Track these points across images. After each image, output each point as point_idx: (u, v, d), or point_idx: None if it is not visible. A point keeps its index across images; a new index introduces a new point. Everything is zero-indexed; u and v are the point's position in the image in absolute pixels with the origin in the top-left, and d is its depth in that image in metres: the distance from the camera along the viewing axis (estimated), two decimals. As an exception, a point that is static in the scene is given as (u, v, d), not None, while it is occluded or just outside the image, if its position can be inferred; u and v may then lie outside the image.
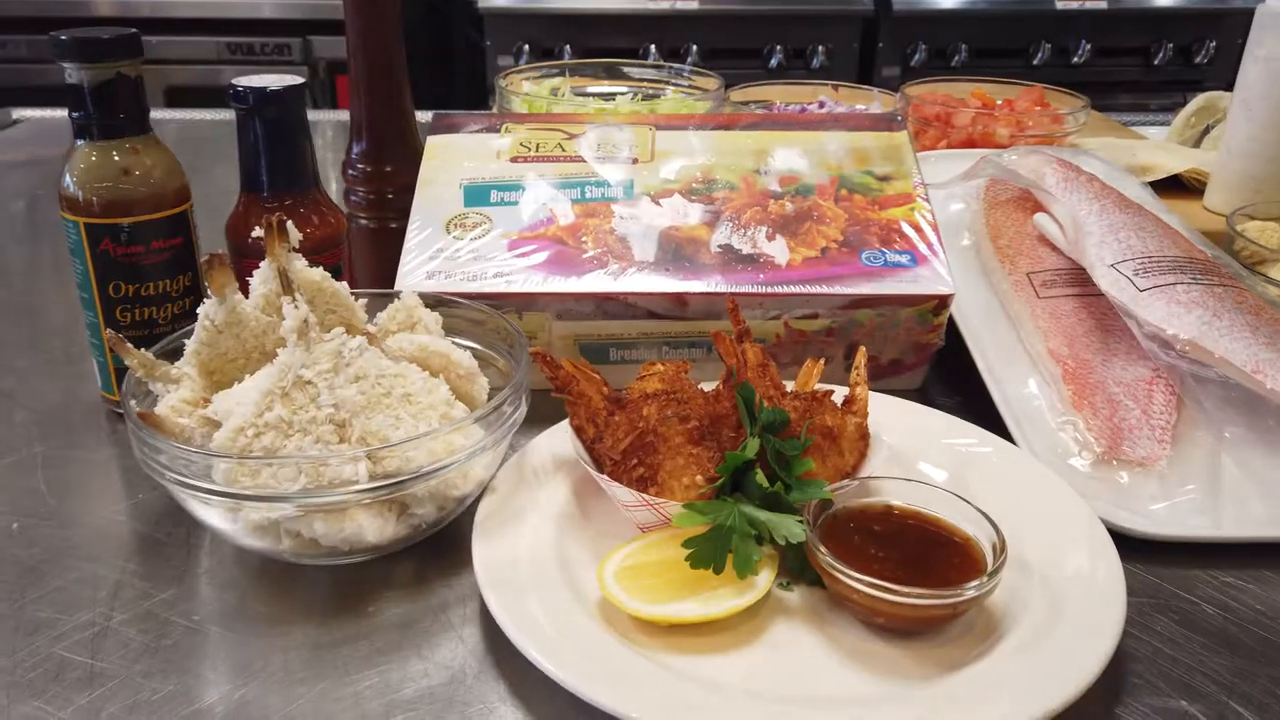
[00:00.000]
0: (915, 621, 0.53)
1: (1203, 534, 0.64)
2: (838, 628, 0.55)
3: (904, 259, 0.78)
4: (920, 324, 0.78)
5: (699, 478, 0.59)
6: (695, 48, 2.80)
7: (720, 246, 0.79)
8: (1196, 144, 1.30)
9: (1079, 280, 0.82)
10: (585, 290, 0.75)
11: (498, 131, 0.88)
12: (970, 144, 1.08)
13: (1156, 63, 2.90)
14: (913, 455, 0.69)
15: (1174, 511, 0.65)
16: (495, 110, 1.09)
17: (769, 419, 0.61)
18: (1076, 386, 0.74)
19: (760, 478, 0.57)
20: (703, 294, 0.75)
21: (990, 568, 0.53)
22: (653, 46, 2.79)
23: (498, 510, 0.61)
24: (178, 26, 2.72)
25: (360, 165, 0.97)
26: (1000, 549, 0.54)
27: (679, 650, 0.53)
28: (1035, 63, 2.82)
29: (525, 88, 1.13)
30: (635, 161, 0.85)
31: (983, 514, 0.56)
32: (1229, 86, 3.17)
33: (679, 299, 0.76)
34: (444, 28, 3.19)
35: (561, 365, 0.63)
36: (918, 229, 0.81)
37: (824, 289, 0.76)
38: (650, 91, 1.13)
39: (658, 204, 0.82)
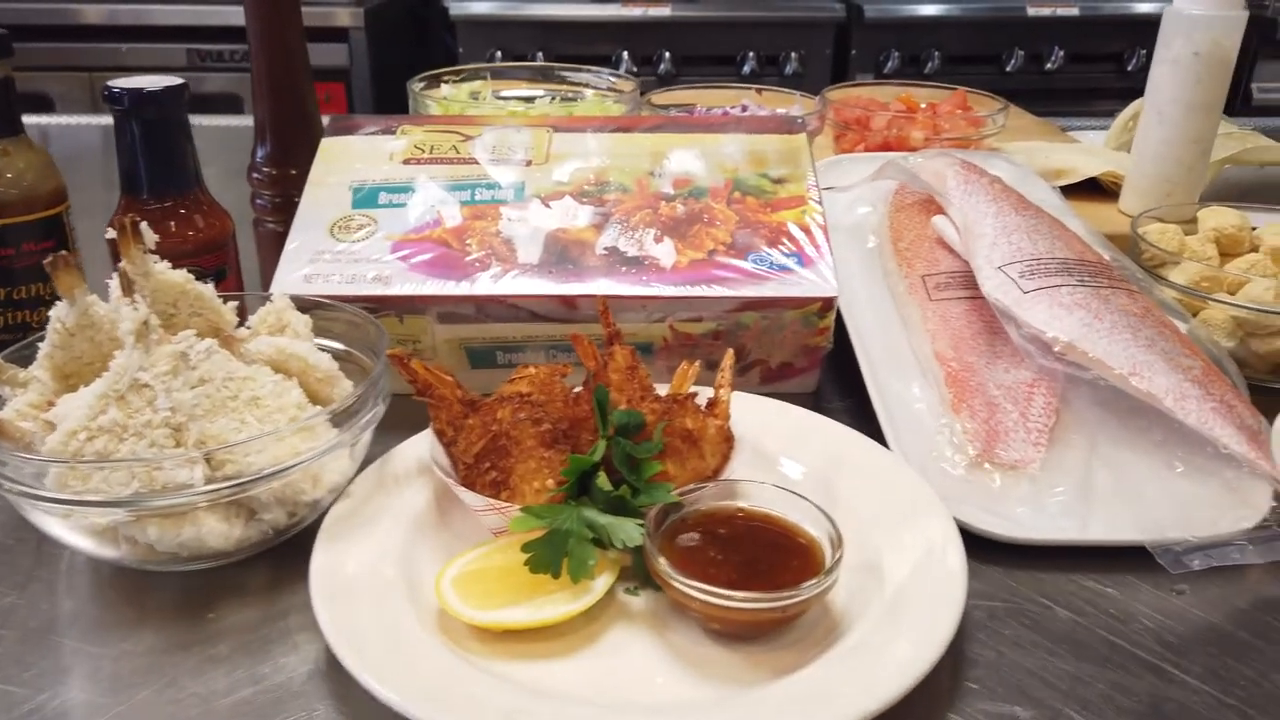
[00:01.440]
0: (749, 626, 0.53)
1: (1067, 538, 0.63)
2: (678, 633, 0.54)
3: (791, 261, 0.78)
4: (806, 327, 0.77)
5: (550, 481, 0.59)
6: (668, 55, 2.80)
7: (606, 249, 0.78)
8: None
9: (972, 283, 0.82)
10: (464, 293, 0.74)
11: (394, 134, 0.87)
12: (886, 147, 1.08)
13: (1130, 69, 2.90)
14: (780, 457, 0.68)
15: (1041, 515, 0.65)
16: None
17: (622, 421, 0.60)
18: (957, 389, 0.74)
19: (603, 481, 0.57)
20: (582, 296, 0.74)
21: (828, 571, 0.52)
22: (625, 53, 2.80)
23: (348, 515, 0.60)
24: (147, 34, 2.71)
25: (265, 169, 0.97)
26: (837, 552, 0.53)
27: (514, 657, 0.52)
28: (1008, 69, 2.82)
29: (444, 91, 1.12)
30: (529, 164, 0.85)
31: (826, 516, 0.56)
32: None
33: (567, 301, 0.75)
34: (422, 35, 3.19)
35: (418, 368, 0.62)
36: (807, 231, 0.80)
37: (706, 291, 0.75)
38: (569, 95, 1.13)
39: (547, 206, 0.81)
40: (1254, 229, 0.92)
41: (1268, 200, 1.10)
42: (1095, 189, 1.13)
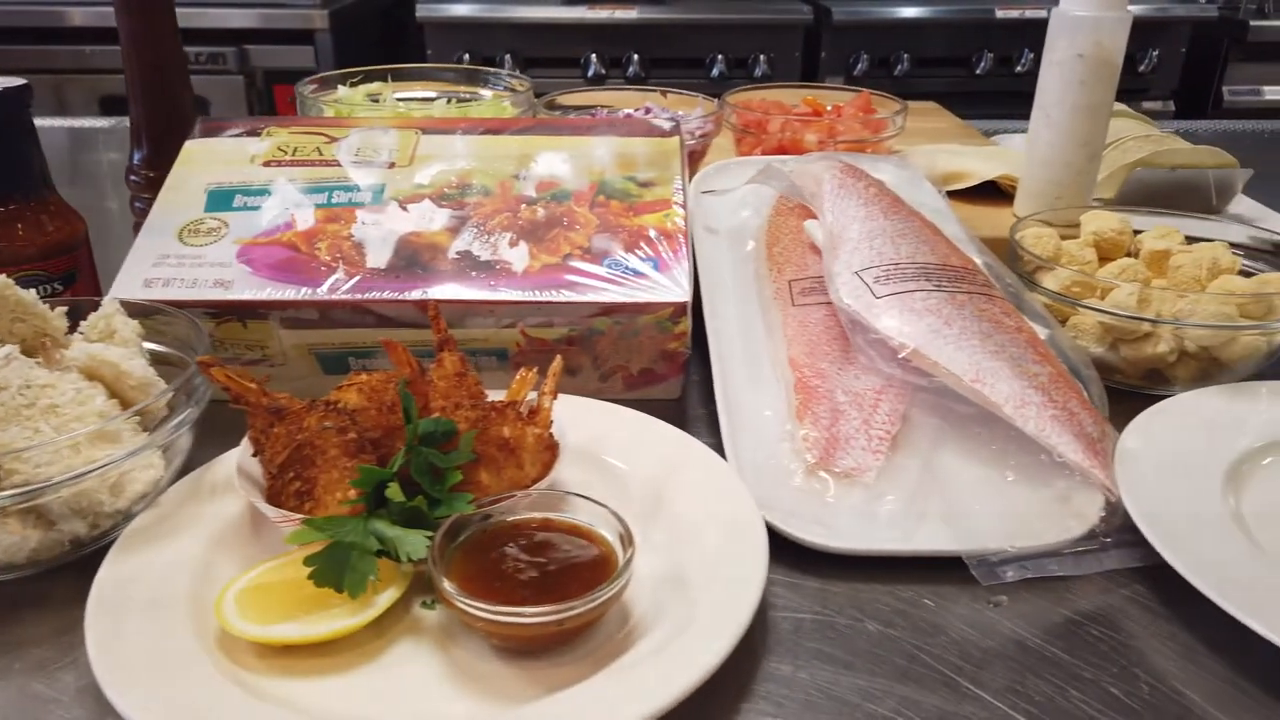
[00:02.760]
0: (531, 641, 0.52)
1: (885, 548, 0.62)
2: (465, 649, 0.53)
3: (647, 266, 0.77)
4: (661, 332, 0.76)
5: (353, 492, 0.57)
6: (636, 57, 2.79)
7: (459, 253, 0.77)
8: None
9: (835, 288, 0.81)
10: (304, 298, 0.73)
11: (259, 135, 0.86)
12: (782, 150, 1.07)
13: None
14: (610, 465, 0.67)
15: (869, 525, 0.64)
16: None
17: (428, 430, 0.59)
18: (804, 396, 0.73)
19: (394, 492, 0.56)
20: (413, 301, 0.73)
21: (608, 583, 0.51)
22: (594, 56, 2.79)
23: (151, 525, 0.59)
24: (112, 36, 2.70)
25: (141, 171, 0.96)
26: (625, 566, 0.52)
27: (295, 675, 0.51)
28: (978, 72, 2.81)
29: (340, 93, 1.11)
30: (392, 166, 0.84)
31: (624, 527, 0.55)
32: (1172, 95, 3.14)
33: (420, 306, 0.74)
34: (391, 38, 3.18)
35: (220, 375, 0.60)
36: (668, 236, 0.79)
37: (554, 296, 0.74)
38: (465, 96, 1.11)
39: (405, 209, 0.80)
40: (1140, 233, 0.92)
41: (1179, 204, 1.09)
42: (1002, 193, 1.12)
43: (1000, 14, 2.81)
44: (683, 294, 0.75)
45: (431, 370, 0.65)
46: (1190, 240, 0.90)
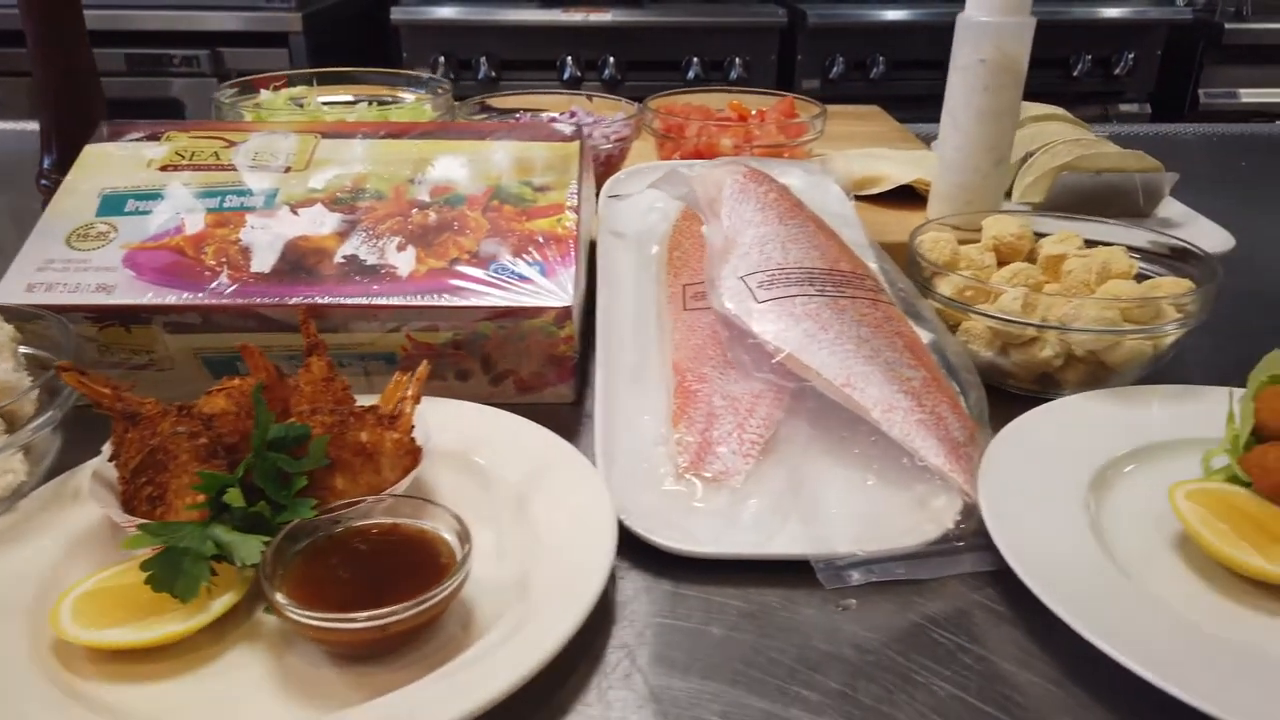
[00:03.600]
0: (357, 646, 0.52)
1: (741, 552, 0.62)
2: (300, 655, 0.53)
3: (534, 271, 0.77)
4: (547, 337, 0.77)
5: (202, 497, 0.58)
6: (612, 60, 2.79)
7: (345, 257, 0.77)
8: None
9: (726, 292, 0.81)
10: (185, 302, 0.73)
11: (159, 140, 0.87)
12: (699, 155, 1.07)
13: (1076, 74, 2.89)
14: (477, 469, 0.68)
15: (728, 528, 0.64)
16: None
17: (278, 435, 0.59)
18: (683, 400, 0.73)
19: (233, 497, 0.56)
20: (280, 305, 0.73)
21: (435, 588, 0.52)
22: (569, 59, 2.79)
23: (3, 530, 0.59)
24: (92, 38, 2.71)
25: (52, 176, 0.96)
26: (457, 570, 0.53)
27: (126, 680, 0.51)
28: None
29: (263, 97, 1.11)
30: (288, 170, 0.84)
31: (462, 529, 0.55)
32: (1149, 99, 3.14)
33: (304, 311, 0.74)
34: (369, 40, 3.18)
35: (73, 380, 0.61)
36: (558, 240, 0.79)
37: (435, 301, 0.74)
38: (386, 99, 1.12)
39: (296, 214, 0.81)
40: (1044, 236, 0.92)
41: (1107, 208, 1.09)
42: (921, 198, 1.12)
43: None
44: (566, 299, 0.75)
45: (299, 375, 0.66)
46: (1090, 244, 0.90)
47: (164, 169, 0.84)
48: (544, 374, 0.80)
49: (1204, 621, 0.55)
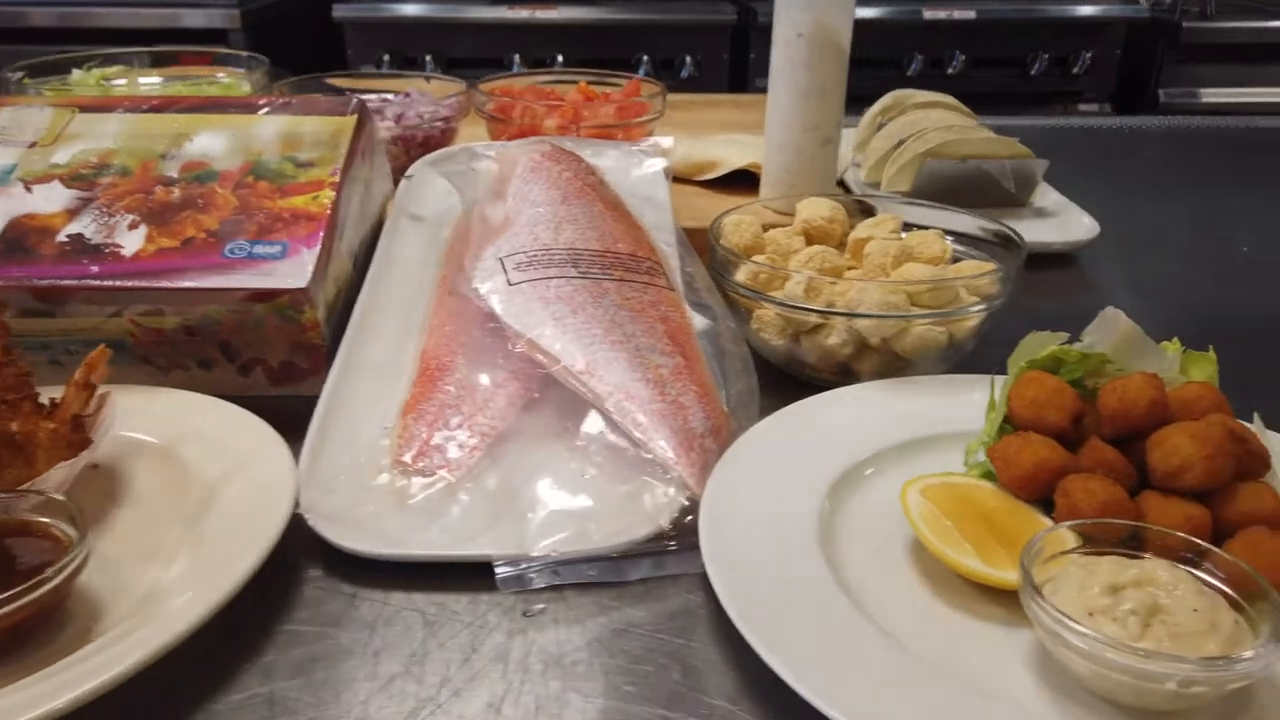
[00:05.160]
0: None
1: (425, 553, 0.56)
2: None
3: (274, 250, 0.71)
4: (287, 322, 0.71)
5: None
6: (561, 58, 2.73)
7: (69, 236, 0.72)
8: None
9: (494, 276, 0.75)
10: (-122, 283, 0.68)
11: (-95, 115, 0.81)
12: (524, 136, 1.02)
13: (1034, 74, 2.84)
14: (172, 460, 0.62)
15: (427, 527, 0.58)
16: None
17: (-98, 424, 0.53)
18: (420, 389, 0.67)
19: None
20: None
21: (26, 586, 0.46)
22: (517, 57, 2.73)
23: None
24: (27, 36, 2.66)
25: None
26: (64, 566, 0.47)
27: None
28: (909, 74, 2.76)
29: (75, 76, 1.06)
30: (33, 145, 0.79)
31: (75, 520, 0.49)
32: (1109, 99, 3.08)
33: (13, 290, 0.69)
34: (317, 38, 3.13)
35: None
36: (309, 219, 0.74)
37: (155, 283, 0.69)
38: (197, 79, 1.06)
39: (29, 190, 0.75)
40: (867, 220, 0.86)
41: (979, 196, 1.04)
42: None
43: (928, 15, 2.76)
44: (302, 281, 0.70)
45: (-33, 361, 0.60)
46: (910, 228, 0.84)
47: (-99, 144, 0.78)
48: (295, 363, 0.74)
49: (909, 633, 0.50)
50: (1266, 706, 0.45)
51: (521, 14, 2.75)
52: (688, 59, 2.78)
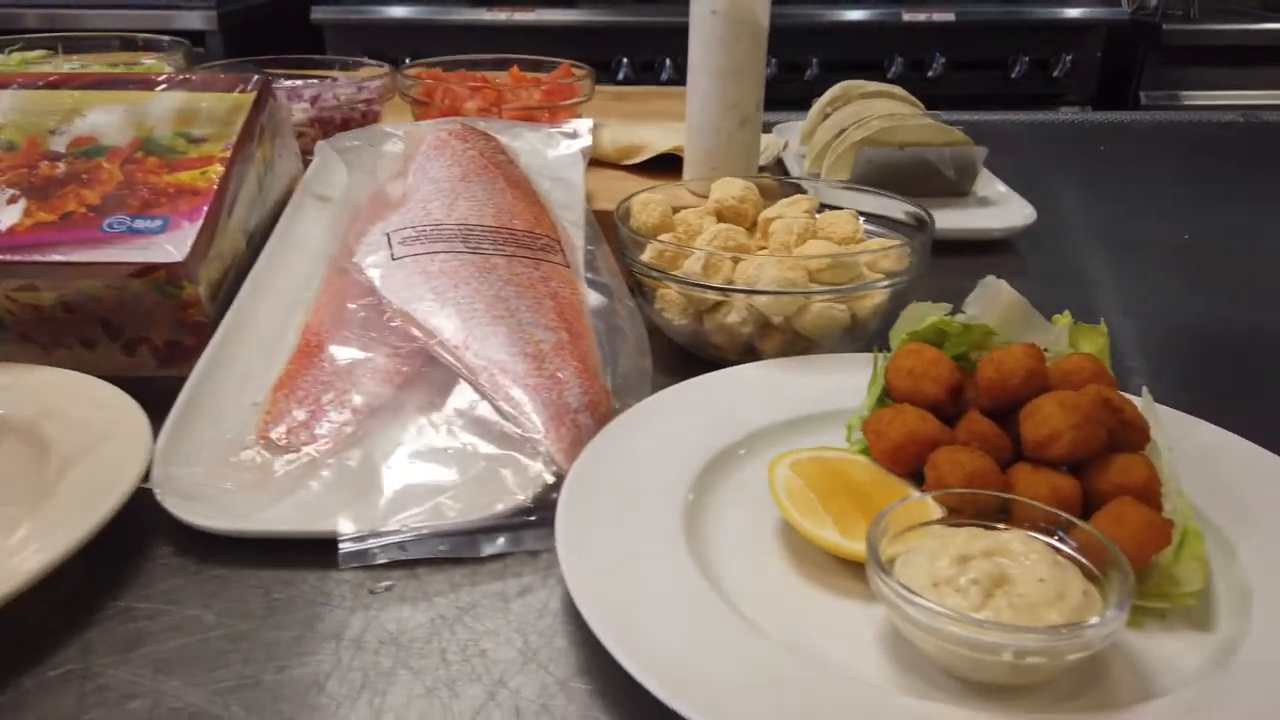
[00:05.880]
0: None
1: (267, 529, 0.54)
2: None
3: (155, 225, 0.69)
4: (166, 298, 0.69)
5: None
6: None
7: (-56, 211, 0.70)
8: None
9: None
10: None
11: None
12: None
13: (1014, 76, 2.82)
14: (34, 437, 0.60)
15: (279, 502, 0.56)
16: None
17: None
18: (295, 365, 0.65)
19: None
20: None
21: None
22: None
23: None
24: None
25: None
26: None
27: None
28: (889, 76, 2.74)
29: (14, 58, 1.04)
30: (-80, 122, 0.77)
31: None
32: (1090, 101, 3.07)
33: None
34: (290, 39, 3.12)
35: None
36: (195, 194, 0.72)
37: (25, 256, 0.67)
38: (130, 63, 1.05)
39: (-94, 166, 0.73)
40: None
41: (920, 185, 1.02)
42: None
43: (908, 17, 2.74)
44: (179, 255, 0.68)
45: None
46: (825, 209, 0.82)
47: None
48: (181, 342, 0.72)
49: (766, 613, 0.47)
50: (1118, 682, 0.43)
51: (500, 16, 2.73)
52: (667, 61, 2.76)
